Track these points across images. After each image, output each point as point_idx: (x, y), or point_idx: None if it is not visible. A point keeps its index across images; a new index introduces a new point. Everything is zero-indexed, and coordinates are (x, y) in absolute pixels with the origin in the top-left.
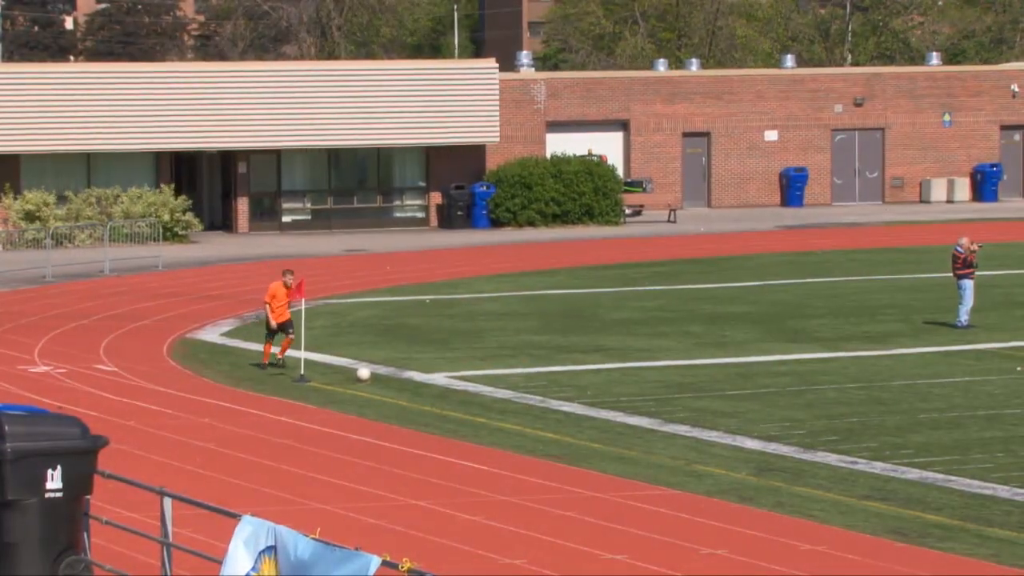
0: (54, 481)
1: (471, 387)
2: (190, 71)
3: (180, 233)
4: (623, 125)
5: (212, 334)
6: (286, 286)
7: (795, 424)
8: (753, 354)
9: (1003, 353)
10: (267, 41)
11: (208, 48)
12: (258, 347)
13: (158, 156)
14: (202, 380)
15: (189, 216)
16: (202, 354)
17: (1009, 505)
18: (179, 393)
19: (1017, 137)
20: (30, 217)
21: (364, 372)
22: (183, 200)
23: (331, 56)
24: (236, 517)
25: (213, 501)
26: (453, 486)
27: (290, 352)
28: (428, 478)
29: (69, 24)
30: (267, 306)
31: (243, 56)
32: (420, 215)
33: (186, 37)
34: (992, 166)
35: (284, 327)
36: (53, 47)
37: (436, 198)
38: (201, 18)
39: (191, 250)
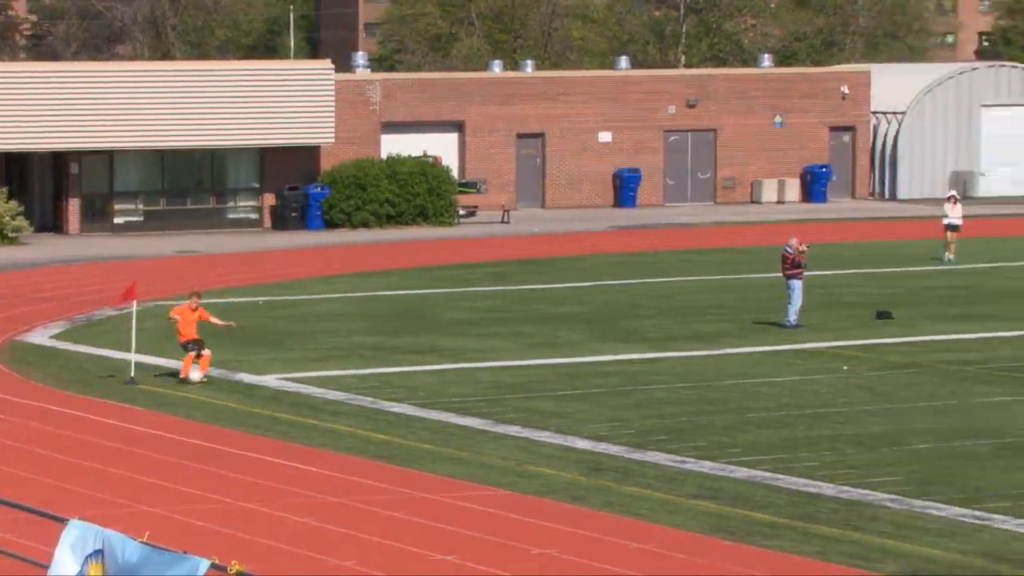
0: None
1: (303, 388)
2: (22, 71)
3: (10, 235)
4: (458, 126)
5: (42, 336)
6: (192, 309)
7: (625, 424)
8: (584, 354)
9: (830, 352)
10: (101, 41)
11: (41, 48)
12: (89, 350)
13: None
14: (30, 383)
15: (20, 220)
16: (31, 357)
17: (835, 503)
18: (6, 396)
19: (846, 138)
20: None
21: (196, 374)
22: (13, 205)
23: (165, 56)
24: (63, 521)
25: (40, 505)
26: (283, 488)
27: (119, 355)
28: (258, 480)
29: None
30: (175, 320)
31: (76, 56)
32: (254, 216)
33: (18, 37)
34: (821, 167)
35: (194, 345)
36: None
37: (270, 199)
38: (34, 18)
39: (21, 252)
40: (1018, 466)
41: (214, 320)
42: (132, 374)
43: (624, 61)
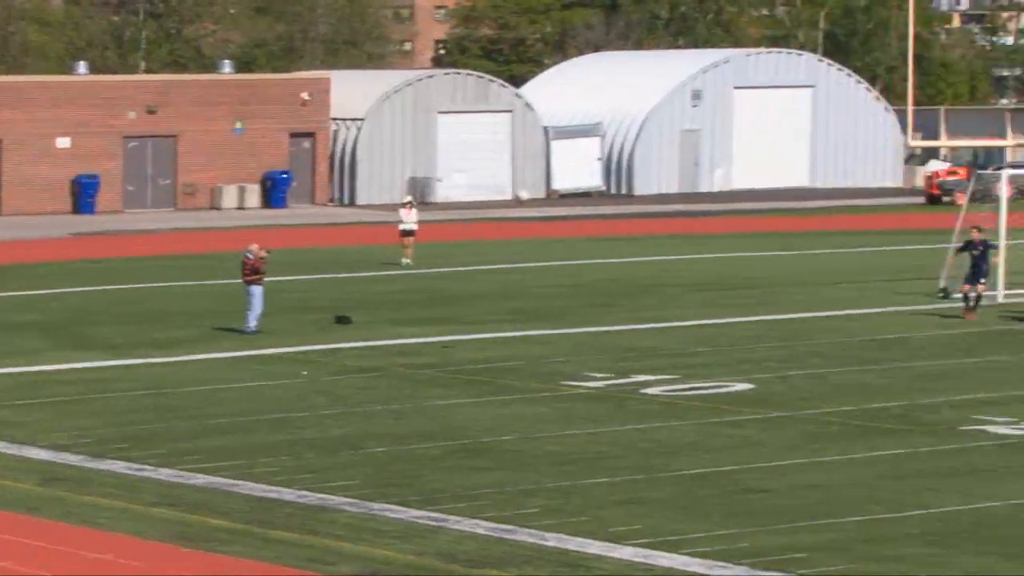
0: None
1: None
2: None
3: None
4: None
5: None
6: None
7: (84, 432)
8: (43, 363)
9: (291, 357)
10: None
11: None
12: None
13: None
14: None
15: None
16: None
17: (292, 508)
18: None
19: (307, 144)
20: None
21: (524, 193)
22: None
23: None
24: None
25: None
26: None
27: None
28: None
29: None
30: None
31: None
32: None
33: None
34: (282, 173)
35: None
36: None
37: None
38: None
39: None
40: (473, 467)
41: None
42: None
43: (83, 66)
